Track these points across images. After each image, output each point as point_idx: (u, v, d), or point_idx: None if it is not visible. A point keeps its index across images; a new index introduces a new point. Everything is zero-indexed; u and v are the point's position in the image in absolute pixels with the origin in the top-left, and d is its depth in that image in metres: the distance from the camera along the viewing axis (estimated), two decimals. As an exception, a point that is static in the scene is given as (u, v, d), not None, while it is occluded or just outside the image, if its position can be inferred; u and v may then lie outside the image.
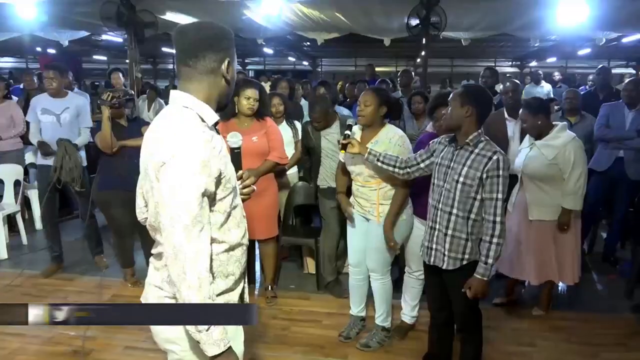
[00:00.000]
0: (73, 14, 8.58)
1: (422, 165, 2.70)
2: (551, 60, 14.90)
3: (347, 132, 2.86)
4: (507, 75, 12.19)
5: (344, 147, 2.82)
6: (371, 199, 3.00)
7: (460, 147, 2.48)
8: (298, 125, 4.30)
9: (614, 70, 14.54)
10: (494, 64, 17.07)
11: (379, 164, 2.78)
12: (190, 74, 1.50)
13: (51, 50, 12.56)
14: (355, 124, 3.05)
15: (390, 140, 2.93)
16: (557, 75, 9.58)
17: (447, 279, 2.56)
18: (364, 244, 3.11)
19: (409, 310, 3.34)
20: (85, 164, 4.19)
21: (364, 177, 2.99)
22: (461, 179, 2.43)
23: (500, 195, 2.38)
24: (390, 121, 3.14)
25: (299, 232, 4.35)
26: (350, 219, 3.15)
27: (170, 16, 8.55)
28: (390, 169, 2.77)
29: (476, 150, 2.43)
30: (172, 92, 1.54)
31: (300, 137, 4.12)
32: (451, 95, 2.54)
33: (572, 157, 3.22)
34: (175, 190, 1.36)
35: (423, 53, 8.50)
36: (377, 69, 11.17)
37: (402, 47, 13.02)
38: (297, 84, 5.70)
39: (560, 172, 3.24)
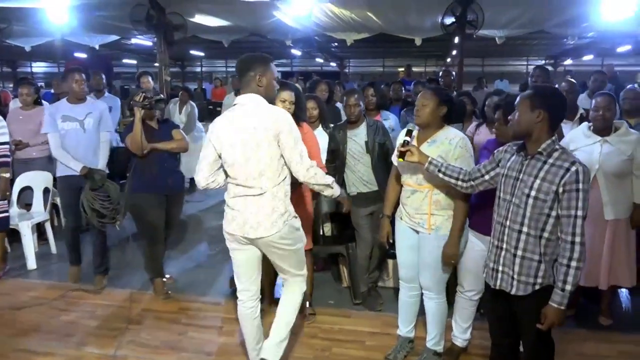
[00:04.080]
0: (103, 18, 8.50)
1: (486, 177, 2.38)
2: (587, 58, 14.28)
3: (407, 138, 2.57)
4: (567, 71, 11.51)
5: (401, 154, 2.53)
6: (422, 209, 2.71)
7: (531, 156, 2.16)
8: (335, 130, 4.02)
9: (652, 68, 13.88)
10: (526, 62, 16.58)
11: (440, 175, 2.48)
12: (245, 82, 2.53)
13: (82, 55, 12.57)
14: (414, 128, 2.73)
15: (451, 141, 2.63)
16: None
17: (517, 305, 2.23)
18: (414, 258, 2.82)
19: (460, 332, 3.01)
20: (107, 171, 4.00)
21: (417, 180, 2.71)
22: (533, 193, 2.11)
23: (580, 212, 2.05)
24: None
25: (329, 239, 4.04)
26: (385, 245, 3.03)
27: (200, 19, 8.42)
28: (453, 181, 2.47)
29: (550, 161, 2.11)
30: (247, 95, 2.50)
31: None
32: (519, 98, 2.22)
33: None
34: (297, 141, 2.45)
35: (454, 52, 8.17)
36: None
37: (431, 47, 12.71)
38: (336, 87, 5.39)
39: (632, 167, 3.19)
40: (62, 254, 4.40)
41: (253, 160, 2.42)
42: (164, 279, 3.90)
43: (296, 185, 2.76)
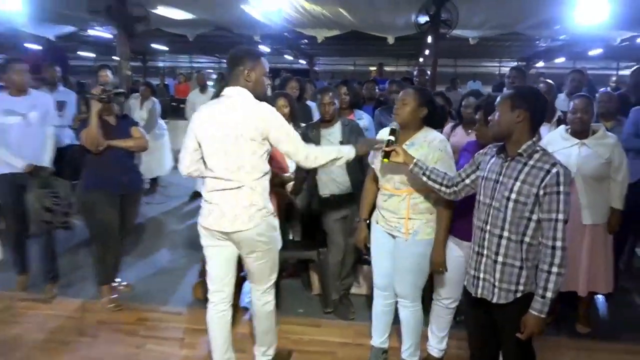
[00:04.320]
0: (59, 7, 8.19)
1: (467, 181, 2.35)
2: (559, 60, 14.64)
3: (391, 137, 2.50)
4: (540, 74, 11.70)
5: (386, 155, 2.46)
6: (399, 212, 2.67)
7: (511, 158, 2.14)
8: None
9: (621, 72, 14.33)
10: (498, 64, 16.88)
11: (424, 179, 2.43)
12: (233, 76, 2.54)
13: (36, 46, 12.11)
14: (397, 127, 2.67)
15: (430, 144, 2.59)
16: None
17: (498, 314, 2.20)
18: (390, 264, 2.77)
19: (436, 342, 2.98)
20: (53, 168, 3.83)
21: (395, 184, 2.66)
22: (513, 196, 2.09)
23: (561, 216, 2.03)
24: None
25: (298, 244, 3.95)
26: (362, 250, 3.01)
27: (163, 11, 8.19)
28: (437, 186, 2.42)
29: (530, 162, 2.09)
30: (235, 88, 2.51)
31: None
32: (499, 98, 2.20)
33: (624, 156, 3.25)
34: (288, 132, 2.50)
35: (427, 52, 8.20)
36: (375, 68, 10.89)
37: (404, 46, 12.77)
38: (307, 84, 5.30)
39: (610, 171, 3.23)
40: (9, 260, 4.15)
41: (233, 153, 2.45)
42: (121, 286, 3.76)
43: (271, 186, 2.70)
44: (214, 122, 2.48)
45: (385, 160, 2.48)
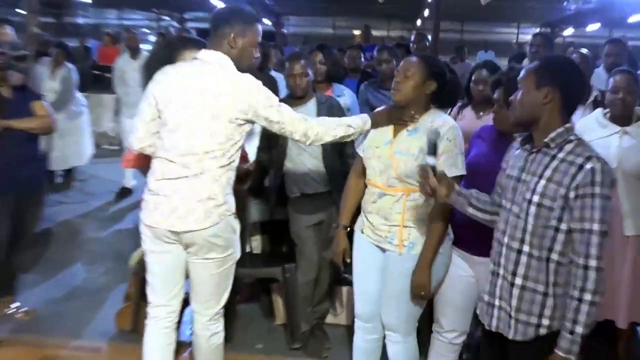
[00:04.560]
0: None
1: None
2: (592, 28, 14.90)
3: (432, 160, 2.32)
4: (569, 43, 11.83)
5: (430, 192, 2.28)
6: (391, 218, 2.65)
7: (537, 149, 2.12)
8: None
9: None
10: (516, 30, 17.11)
11: (471, 210, 2.33)
12: (216, 39, 2.56)
13: None
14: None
15: (436, 131, 2.55)
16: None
17: (512, 353, 2.18)
18: (377, 286, 2.76)
19: (436, 387, 2.98)
20: None
21: (388, 179, 2.64)
22: (535, 198, 2.06)
23: (596, 226, 1.99)
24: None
25: (258, 259, 4.02)
26: (341, 266, 3.04)
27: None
28: (488, 217, 2.34)
29: (560, 155, 2.06)
30: (214, 53, 2.51)
31: None
32: (523, 72, 2.18)
33: None
34: (279, 107, 2.53)
35: (427, 13, 8.25)
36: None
37: (397, 5, 12.88)
38: (272, 50, 5.31)
39: None
40: None
41: (204, 133, 2.46)
42: (18, 314, 3.77)
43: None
44: (183, 89, 2.49)
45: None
